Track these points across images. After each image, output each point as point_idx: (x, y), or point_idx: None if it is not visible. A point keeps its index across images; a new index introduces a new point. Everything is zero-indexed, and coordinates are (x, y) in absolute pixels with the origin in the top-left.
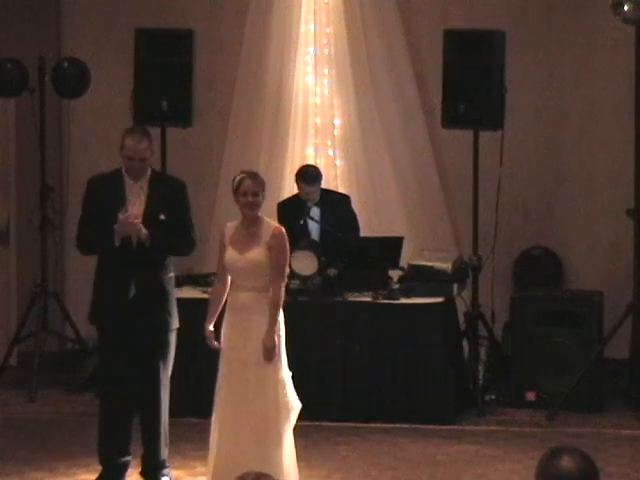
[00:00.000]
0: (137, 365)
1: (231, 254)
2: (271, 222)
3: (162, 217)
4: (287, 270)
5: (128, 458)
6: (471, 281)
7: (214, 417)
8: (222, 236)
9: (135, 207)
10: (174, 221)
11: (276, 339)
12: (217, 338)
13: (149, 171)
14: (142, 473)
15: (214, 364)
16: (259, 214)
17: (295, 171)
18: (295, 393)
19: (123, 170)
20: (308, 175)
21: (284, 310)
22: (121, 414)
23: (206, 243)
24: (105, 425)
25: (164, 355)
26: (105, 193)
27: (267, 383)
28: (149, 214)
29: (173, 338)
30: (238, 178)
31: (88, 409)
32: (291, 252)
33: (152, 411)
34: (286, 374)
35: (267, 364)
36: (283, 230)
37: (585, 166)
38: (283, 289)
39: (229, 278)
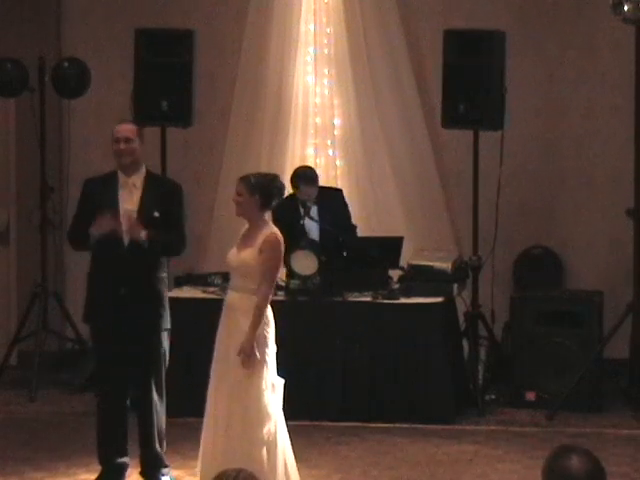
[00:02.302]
0: (128, 365)
1: (231, 252)
2: (271, 228)
3: (156, 214)
4: (275, 278)
5: (127, 458)
6: (471, 281)
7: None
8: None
9: (127, 203)
10: (167, 221)
11: (263, 340)
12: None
13: (144, 169)
14: (142, 473)
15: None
16: (264, 217)
17: (292, 173)
18: (277, 400)
19: (118, 169)
20: (308, 176)
21: (281, 311)
22: (117, 414)
23: (206, 243)
24: (102, 425)
25: (154, 355)
26: (98, 192)
27: (247, 384)
28: (143, 210)
29: (165, 339)
30: None
31: (88, 409)
32: (291, 252)
33: (145, 410)
34: (269, 379)
35: (243, 367)
36: (278, 237)
37: (585, 166)
38: (269, 296)
39: None
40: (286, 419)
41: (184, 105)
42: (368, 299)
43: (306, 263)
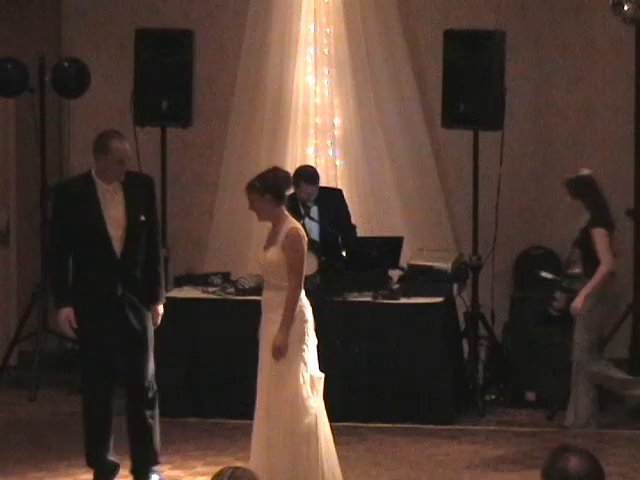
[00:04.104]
0: (124, 364)
1: (260, 252)
2: (291, 222)
3: (142, 218)
4: (302, 271)
5: (116, 458)
6: (471, 281)
7: None
8: None
9: (111, 209)
10: (149, 223)
11: (300, 335)
12: None
13: None
14: (132, 471)
15: (214, 364)
16: (283, 213)
17: (294, 171)
18: (318, 395)
19: (93, 173)
20: (310, 175)
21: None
22: (107, 413)
23: (206, 243)
24: (93, 425)
25: (149, 353)
26: (76, 199)
27: (285, 379)
28: (131, 217)
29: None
30: None
31: None
32: None
33: (139, 407)
34: (307, 373)
35: (280, 362)
36: (299, 231)
37: (585, 166)
38: (297, 290)
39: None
40: None
41: (184, 105)
42: (368, 299)
43: (306, 263)
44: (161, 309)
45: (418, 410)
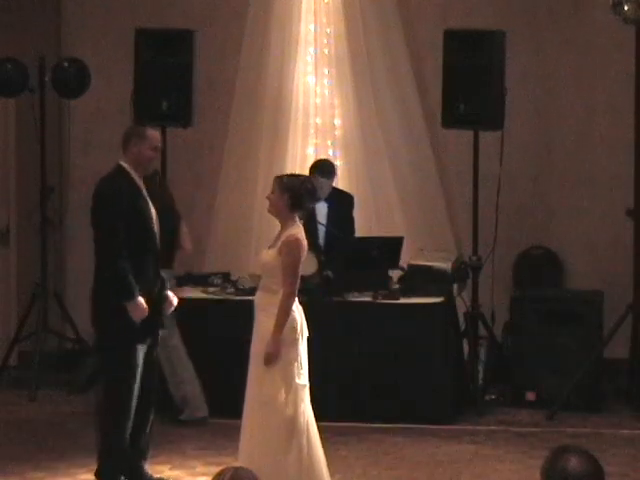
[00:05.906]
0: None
1: (263, 250)
2: (295, 230)
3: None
4: (295, 279)
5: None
6: (471, 281)
7: None
8: None
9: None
10: None
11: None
12: None
13: None
14: (133, 465)
15: (214, 364)
16: (294, 219)
17: (297, 170)
18: (301, 402)
19: (127, 167)
20: (326, 167)
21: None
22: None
23: (206, 243)
24: (122, 445)
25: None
26: (127, 194)
27: (264, 383)
28: (156, 210)
29: None
30: None
31: (88, 409)
32: None
33: (153, 401)
34: (288, 379)
35: (261, 364)
36: (298, 238)
37: (585, 166)
38: (289, 297)
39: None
40: None
41: (184, 105)
42: (368, 299)
43: (306, 263)
44: (174, 299)
45: (418, 410)
